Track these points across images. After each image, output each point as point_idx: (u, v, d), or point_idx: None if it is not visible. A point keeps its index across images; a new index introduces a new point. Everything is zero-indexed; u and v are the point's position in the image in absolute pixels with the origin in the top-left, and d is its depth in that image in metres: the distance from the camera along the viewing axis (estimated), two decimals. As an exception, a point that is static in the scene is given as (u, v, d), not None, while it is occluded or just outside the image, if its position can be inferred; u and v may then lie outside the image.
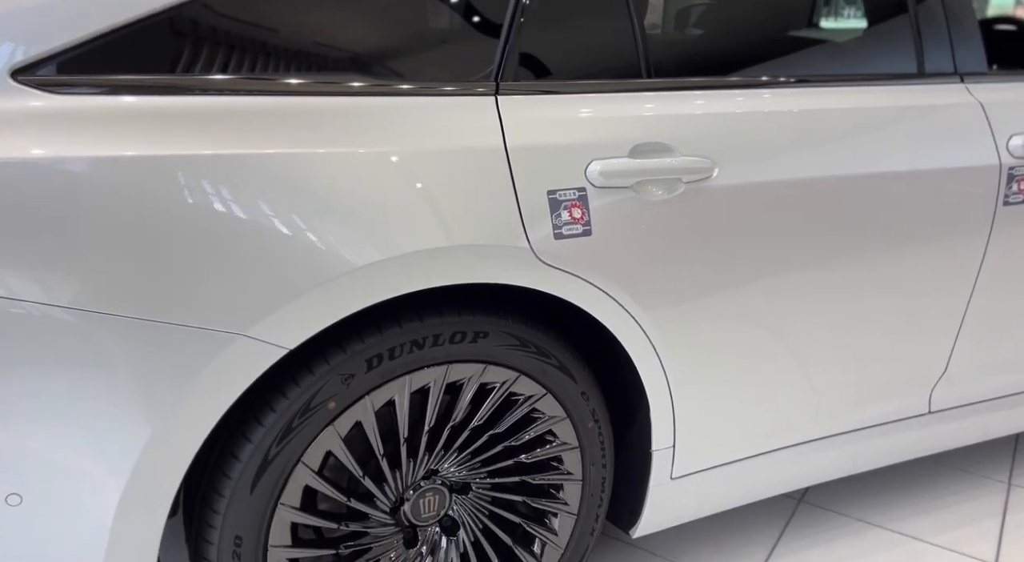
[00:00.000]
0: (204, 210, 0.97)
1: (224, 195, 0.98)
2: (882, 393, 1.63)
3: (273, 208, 1.00)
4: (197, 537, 1.13)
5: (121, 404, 0.96)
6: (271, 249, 1.00)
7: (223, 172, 0.98)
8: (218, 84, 1.03)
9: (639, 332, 1.29)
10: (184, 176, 0.96)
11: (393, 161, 1.07)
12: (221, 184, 0.98)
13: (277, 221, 1.00)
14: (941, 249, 1.53)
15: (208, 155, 0.98)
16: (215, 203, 0.97)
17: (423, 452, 1.24)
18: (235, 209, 0.98)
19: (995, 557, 1.74)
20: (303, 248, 1.01)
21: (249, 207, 0.99)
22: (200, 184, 0.97)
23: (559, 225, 1.18)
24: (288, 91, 1.06)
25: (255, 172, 0.99)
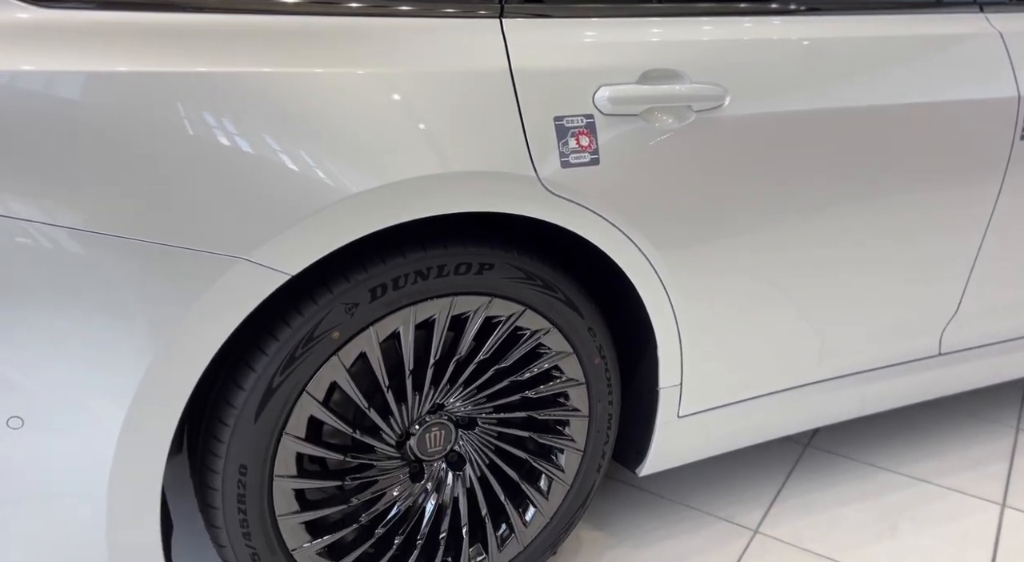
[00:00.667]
0: (200, 130, 0.94)
1: (221, 114, 0.95)
2: (892, 335, 1.61)
3: (271, 130, 0.97)
4: (202, 467, 1.12)
5: (123, 326, 0.94)
6: (269, 173, 0.97)
7: (220, 91, 0.95)
8: (212, 1, 0.99)
9: (647, 266, 1.27)
10: (180, 94, 0.93)
11: (394, 84, 1.04)
12: (218, 103, 0.95)
13: (275, 144, 0.97)
14: (955, 185, 1.50)
15: (204, 73, 0.95)
16: (212, 123, 0.95)
17: (428, 386, 1.23)
18: (232, 129, 0.95)
19: (1003, 497, 1.74)
20: (301, 173, 0.99)
21: (246, 128, 0.96)
22: (196, 102, 0.94)
23: (566, 153, 1.15)
24: (286, 10, 1.03)
25: (252, 91, 0.96)
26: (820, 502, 1.73)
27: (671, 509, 1.71)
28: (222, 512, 1.11)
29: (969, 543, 1.59)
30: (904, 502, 1.72)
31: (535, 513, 1.39)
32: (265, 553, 1.15)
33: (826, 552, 1.57)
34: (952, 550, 1.57)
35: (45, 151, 0.89)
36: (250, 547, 1.14)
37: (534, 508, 1.38)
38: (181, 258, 0.95)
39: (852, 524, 1.65)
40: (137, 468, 1.01)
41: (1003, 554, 1.56)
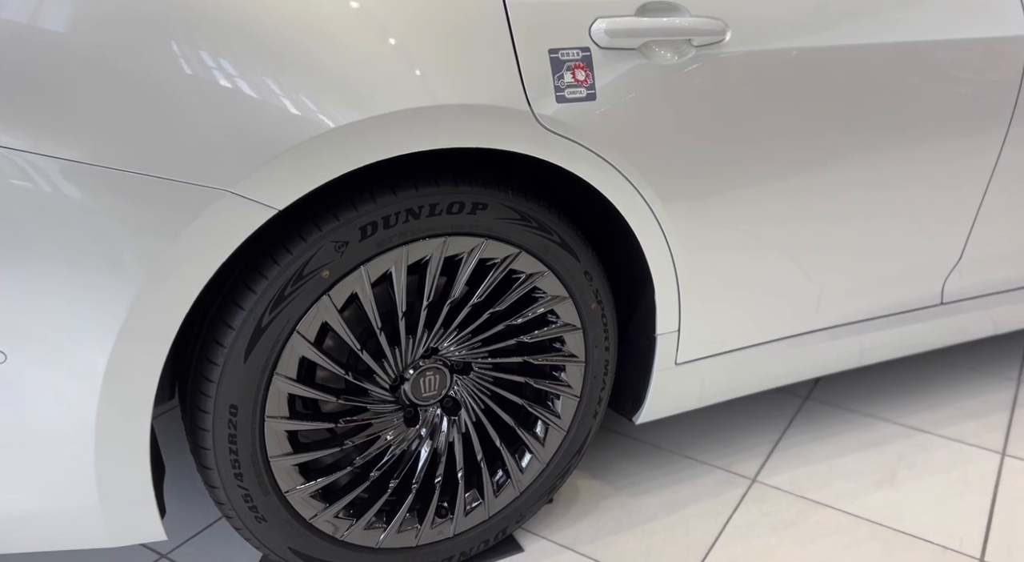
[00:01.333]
0: (183, 61, 0.91)
1: (204, 46, 0.92)
2: (894, 283, 1.59)
3: (253, 61, 0.93)
4: (192, 407, 1.11)
5: (108, 259, 0.92)
6: (252, 105, 0.94)
7: (203, 22, 0.91)
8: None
9: (644, 207, 1.24)
10: (165, 25, 0.90)
11: (381, 11, 1.00)
12: (201, 35, 0.91)
13: (257, 75, 0.94)
14: (961, 128, 1.46)
15: (187, 4, 0.91)
16: (195, 54, 0.91)
17: (422, 329, 1.21)
18: (214, 61, 0.92)
19: (1003, 447, 1.73)
20: (284, 105, 0.95)
21: (228, 59, 0.92)
22: (180, 34, 0.91)
23: (561, 87, 1.12)
24: None
25: (233, 23, 0.93)
26: (819, 452, 1.72)
27: (669, 459, 1.70)
28: (213, 453, 1.10)
29: (969, 490, 1.58)
30: (903, 451, 1.71)
31: (531, 459, 1.38)
32: (257, 494, 1.14)
33: (824, 500, 1.56)
34: (951, 497, 1.56)
35: (33, 81, 0.86)
36: (242, 488, 1.13)
37: (530, 454, 1.38)
38: (166, 190, 0.92)
39: (850, 473, 1.64)
40: (124, 406, 1.00)
41: (1002, 500, 1.55)
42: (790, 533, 1.47)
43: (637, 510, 1.54)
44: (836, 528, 1.48)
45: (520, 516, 1.41)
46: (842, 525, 1.49)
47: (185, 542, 1.43)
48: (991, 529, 1.48)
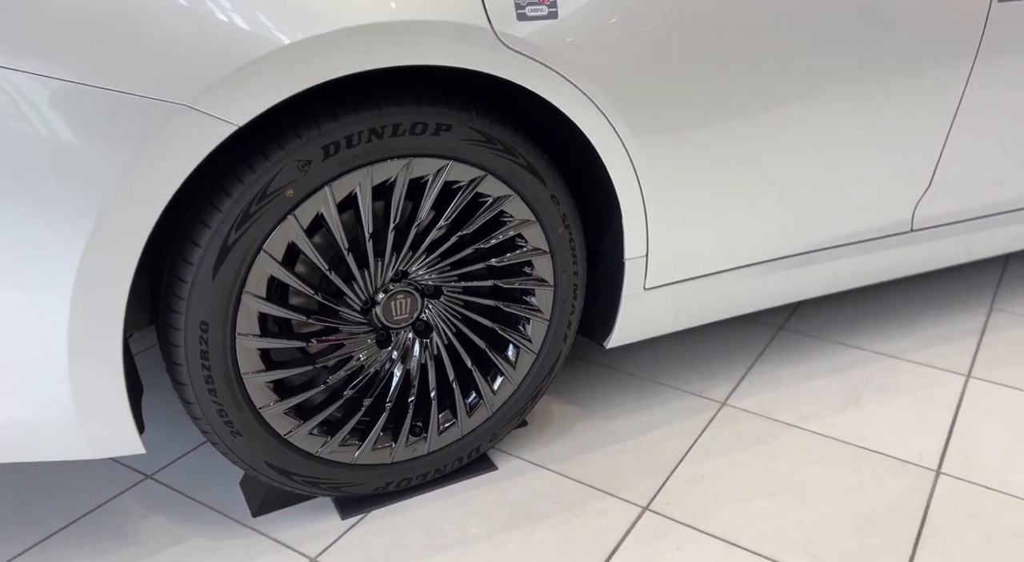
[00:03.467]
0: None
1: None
2: (864, 209, 1.61)
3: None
4: (164, 324, 1.14)
5: (74, 171, 0.94)
6: (207, 20, 0.95)
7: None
8: None
9: (610, 131, 1.25)
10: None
11: (339, -72, 1.00)
12: (152, -56, 0.92)
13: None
14: (930, 51, 1.46)
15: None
16: (148, -35, 0.92)
17: (390, 252, 1.24)
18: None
19: (968, 369, 1.77)
20: (241, 20, 0.96)
21: (185, -29, 0.93)
22: (129, -58, 0.91)
23: (522, 4, 1.12)
24: None
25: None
26: (788, 377, 1.76)
27: (642, 385, 1.74)
28: (186, 368, 1.13)
29: (932, 409, 1.63)
30: (871, 375, 1.76)
31: (503, 381, 1.41)
32: (232, 409, 1.18)
33: (790, 420, 1.61)
34: (914, 416, 1.61)
35: None
36: (216, 403, 1.17)
37: (502, 376, 1.41)
38: (128, 104, 0.94)
39: (818, 395, 1.69)
40: (95, 318, 1.02)
41: (963, 417, 1.60)
42: (757, 450, 1.51)
43: (609, 432, 1.58)
44: (801, 446, 1.53)
45: (493, 436, 1.45)
46: (807, 443, 1.53)
47: (170, 464, 1.48)
48: (950, 444, 1.52)
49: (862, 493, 1.39)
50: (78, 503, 1.38)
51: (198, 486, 1.42)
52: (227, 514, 1.35)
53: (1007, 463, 1.46)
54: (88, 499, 1.39)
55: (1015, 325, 1.96)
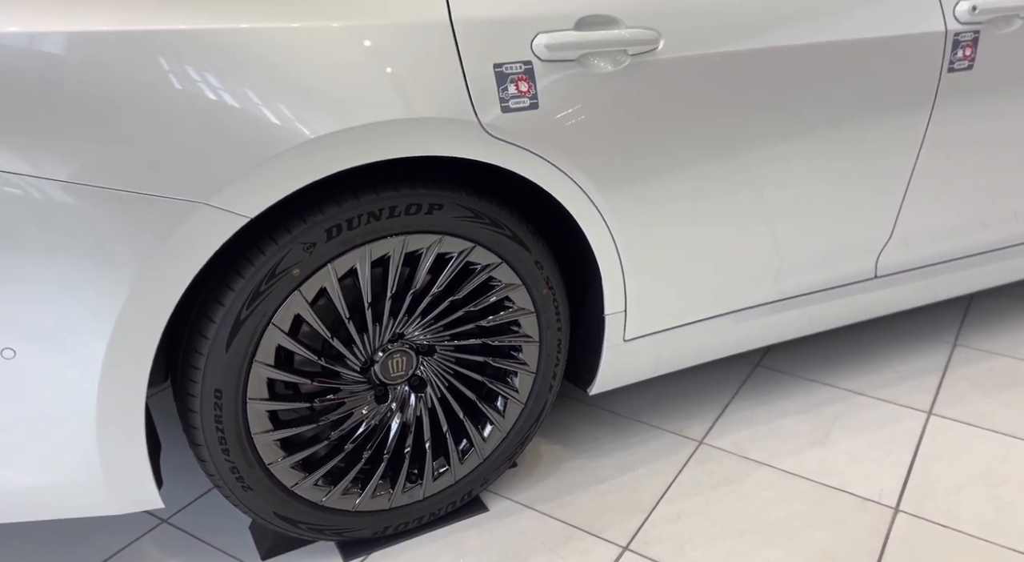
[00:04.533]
0: (164, 82, 1.02)
1: (182, 67, 1.03)
2: (830, 260, 1.72)
3: (230, 81, 1.05)
4: (182, 391, 1.25)
5: (100, 266, 1.05)
6: (229, 122, 1.06)
7: (185, 47, 1.03)
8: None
9: (586, 201, 1.36)
10: (144, 48, 1.01)
11: (344, 35, 1.11)
12: (182, 58, 1.03)
13: (234, 94, 1.05)
14: (886, 117, 1.58)
15: (170, 30, 1.02)
16: (174, 76, 1.03)
17: (388, 317, 1.34)
18: (192, 81, 1.04)
19: (930, 406, 1.89)
20: (259, 121, 1.07)
21: (208, 81, 1.04)
22: (162, 58, 1.02)
23: (506, 98, 1.23)
24: None
25: (213, 46, 1.04)
26: (763, 415, 1.88)
27: (624, 424, 1.85)
28: (202, 431, 1.24)
29: (894, 447, 1.74)
30: (839, 413, 1.87)
31: (492, 429, 1.52)
32: (243, 467, 1.29)
33: (763, 459, 1.72)
34: (877, 454, 1.72)
35: (29, 110, 0.98)
36: (229, 461, 1.27)
37: (491, 425, 1.52)
38: (149, 204, 1.05)
39: (789, 434, 1.80)
40: (121, 390, 1.13)
41: (922, 455, 1.72)
42: (729, 489, 1.63)
43: (593, 471, 1.69)
44: (770, 484, 1.64)
45: (484, 480, 1.56)
46: (776, 482, 1.65)
47: (183, 508, 1.59)
48: (909, 481, 1.64)
49: (825, 531, 1.51)
50: (99, 548, 1.49)
51: (211, 530, 1.53)
52: (239, 558, 1.46)
53: (958, 501, 1.58)
54: (109, 544, 1.50)
55: (976, 361, 2.08)
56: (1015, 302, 2.39)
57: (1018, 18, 1.61)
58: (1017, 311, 2.34)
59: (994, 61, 1.62)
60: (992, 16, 1.57)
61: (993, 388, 1.96)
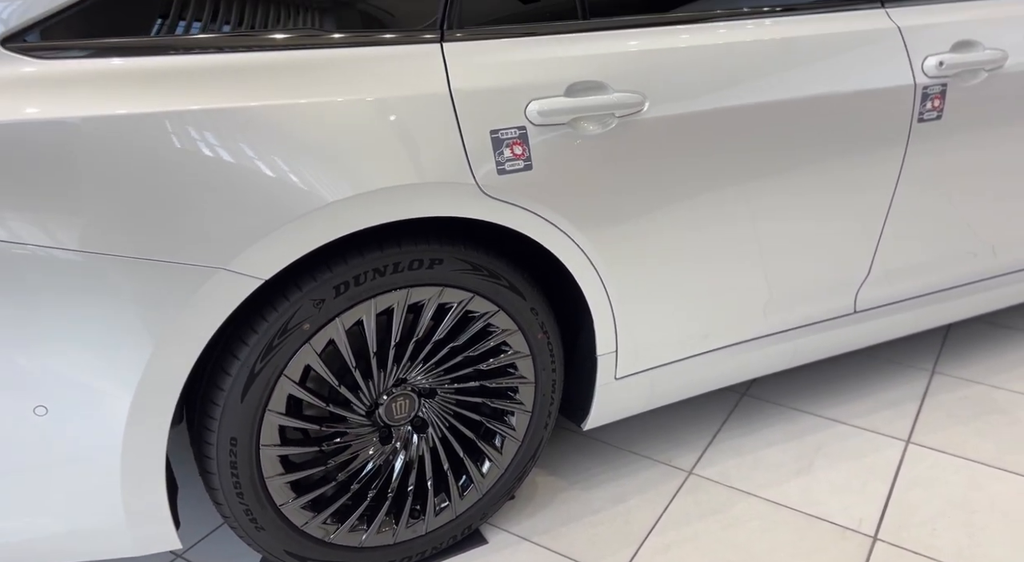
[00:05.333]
0: (187, 159, 1.11)
1: (204, 145, 1.11)
2: (811, 296, 1.81)
3: (249, 154, 1.13)
4: (199, 439, 1.32)
5: (125, 327, 1.13)
6: (248, 192, 1.14)
7: (203, 124, 1.11)
8: (189, 43, 1.14)
9: (579, 252, 1.45)
10: (167, 129, 1.09)
11: (353, 108, 1.20)
12: (201, 135, 1.11)
13: (252, 167, 1.14)
14: (861, 165, 1.67)
15: (187, 110, 1.10)
16: (196, 153, 1.11)
17: (392, 364, 1.42)
18: (213, 157, 1.12)
19: (908, 435, 1.97)
20: (276, 190, 1.15)
21: (226, 155, 1.12)
22: (182, 136, 1.10)
23: (502, 162, 1.32)
24: (266, 46, 1.17)
25: (232, 123, 1.12)
26: (748, 445, 1.96)
27: (617, 455, 1.93)
28: (218, 476, 1.32)
29: (873, 475, 1.83)
30: (821, 442, 1.95)
31: (491, 466, 1.60)
32: (256, 508, 1.36)
33: (749, 489, 1.80)
34: (857, 483, 1.81)
35: (47, 186, 1.06)
36: (243, 504, 1.35)
37: (490, 462, 1.60)
38: (171, 271, 1.13)
39: (774, 463, 1.89)
40: (144, 442, 1.21)
41: (900, 484, 1.80)
42: (716, 519, 1.71)
43: (587, 502, 1.77)
44: (756, 514, 1.72)
45: (484, 514, 1.64)
46: (761, 511, 1.73)
47: (197, 543, 1.66)
48: (887, 510, 1.72)
49: (807, 560, 1.59)
50: (116, 583, 1.56)
51: (222, 564, 1.60)
52: (249, 592, 1.53)
53: (935, 529, 1.66)
54: (124, 579, 1.57)
55: (954, 388, 2.17)
56: (992, 328, 2.49)
57: (983, 71, 1.70)
58: (993, 337, 2.43)
59: (961, 111, 1.72)
60: (958, 70, 1.67)
61: (967, 416, 2.04)
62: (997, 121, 1.77)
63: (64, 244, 1.08)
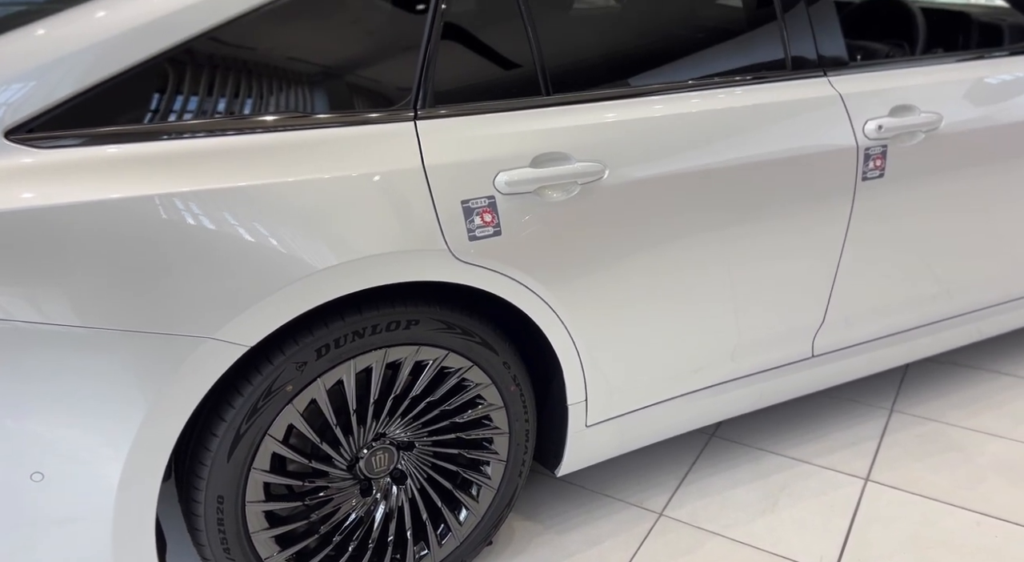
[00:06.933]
0: (177, 238, 1.18)
1: (194, 224, 1.19)
2: (771, 343, 1.91)
3: (238, 230, 1.21)
4: (187, 498, 1.38)
5: (117, 396, 1.19)
6: (234, 266, 1.22)
7: (193, 204, 1.19)
8: (180, 128, 1.23)
9: (547, 309, 1.54)
10: (158, 210, 1.17)
11: (335, 184, 1.29)
12: (192, 214, 1.19)
13: (241, 241, 1.22)
14: (812, 220, 1.79)
15: (177, 192, 1.19)
16: (186, 231, 1.19)
17: (371, 420, 1.50)
18: (202, 235, 1.20)
19: (867, 473, 2.07)
20: (263, 262, 1.23)
21: (215, 231, 1.20)
22: (174, 216, 1.18)
23: (472, 229, 1.41)
24: (256, 128, 1.27)
25: (221, 203, 1.21)
26: (716, 485, 2.04)
27: (590, 497, 2.01)
28: (205, 533, 1.38)
29: (833, 513, 1.92)
30: (785, 481, 2.04)
31: (468, 514, 1.67)
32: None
33: (717, 529, 1.88)
34: (819, 520, 1.89)
35: (46, 269, 1.13)
36: (230, 558, 1.41)
37: (467, 510, 1.67)
38: (161, 342, 1.20)
39: (741, 503, 1.97)
40: (135, 502, 1.27)
41: (859, 521, 1.89)
42: (685, 560, 1.78)
43: (562, 546, 1.84)
44: (724, 554, 1.80)
45: (462, 560, 1.70)
46: (729, 551, 1.80)
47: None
48: (846, 548, 1.81)
49: (772, 598, 1.66)
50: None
51: (207, 617, 1.64)
52: (235, 644, 1.57)
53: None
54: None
55: (911, 426, 2.27)
56: (948, 366, 2.60)
57: (920, 132, 1.83)
58: (948, 375, 2.55)
59: (902, 169, 1.84)
60: (897, 132, 1.80)
61: (923, 453, 2.14)
62: (936, 177, 1.90)
63: (60, 320, 1.15)
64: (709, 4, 1.74)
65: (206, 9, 1.25)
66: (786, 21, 1.72)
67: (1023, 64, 2.02)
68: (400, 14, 1.40)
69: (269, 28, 1.30)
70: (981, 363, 2.61)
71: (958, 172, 1.93)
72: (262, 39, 1.30)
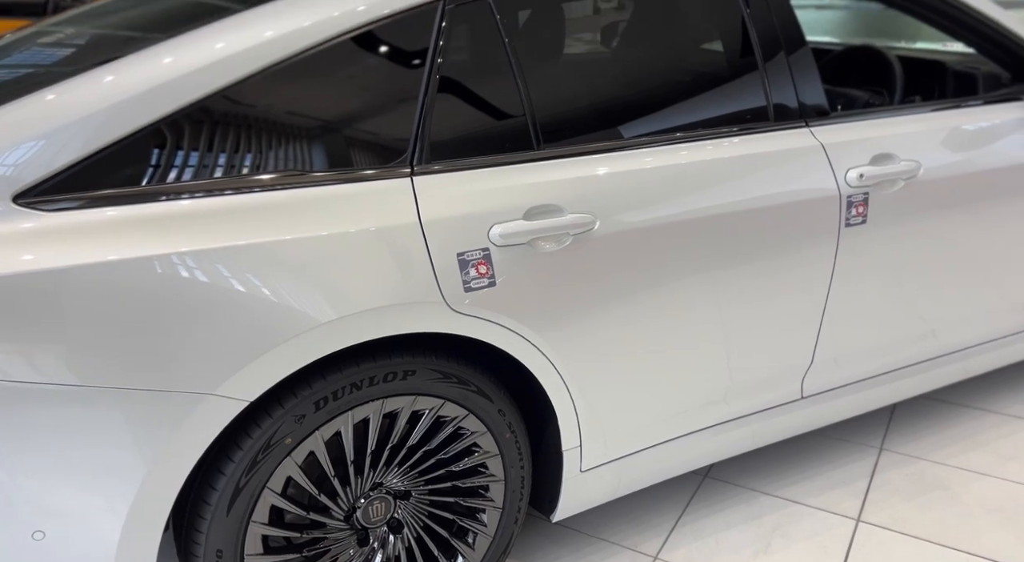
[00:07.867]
0: (178, 297, 1.21)
1: (194, 283, 1.22)
2: (761, 385, 1.94)
3: (237, 287, 1.24)
4: (186, 552, 1.39)
5: (118, 453, 1.21)
6: (235, 324, 1.25)
7: (193, 264, 1.22)
8: (178, 189, 1.26)
9: (541, 357, 1.57)
10: (158, 271, 1.20)
11: (335, 240, 1.32)
12: (191, 273, 1.22)
13: (241, 298, 1.25)
14: (797, 266, 1.83)
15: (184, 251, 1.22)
16: (186, 290, 1.22)
17: (368, 470, 1.51)
18: (202, 293, 1.23)
19: (859, 513, 2.09)
20: (263, 318, 1.26)
21: (213, 289, 1.23)
22: (174, 276, 1.21)
23: (468, 281, 1.44)
24: (254, 187, 1.30)
25: (221, 262, 1.24)
26: (710, 527, 2.05)
27: (585, 541, 2.01)
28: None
29: (826, 555, 1.93)
30: (777, 522, 2.06)
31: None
32: (241, 617, 1.42)
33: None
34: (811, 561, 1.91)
35: (51, 330, 1.15)
36: (228, 614, 1.41)
37: (463, 558, 1.68)
38: (163, 399, 1.22)
39: (734, 545, 1.98)
40: (135, 558, 1.27)
41: (851, 561, 1.91)
42: (681, 605, 1.79)
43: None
44: (718, 598, 1.81)
45: (458, 608, 1.71)
46: (723, 595, 1.81)
47: (175, 650, 1.69)
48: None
49: (767, 642, 1.67)
50: None
51: None
52: None
53: (884, 607, 1.76)
54: None
55: (900, 465, 2.30)
56: (936, 404, 2.64)
57: (900, 180, 1.89)
58: (935, 412, 2.58)
59: (884, 215, 1.90)
60: (878, 180, 1.86)
61: (912, 493, 2.17)
62: (917, 223, 1.96)
63: (60, 380, 1.17)
64: (693, 55, 1.80)
65: (211, 73, 1.30)
66: (767, 73, 1.78)
67: (996, 113, 2.09)
68: (397, 70, 1.45)
69: (268, 90, 1.34)
70: (967, 401, 2.65)
71: (938, 217, 1.99)
72: (261, 100, 1.34)
